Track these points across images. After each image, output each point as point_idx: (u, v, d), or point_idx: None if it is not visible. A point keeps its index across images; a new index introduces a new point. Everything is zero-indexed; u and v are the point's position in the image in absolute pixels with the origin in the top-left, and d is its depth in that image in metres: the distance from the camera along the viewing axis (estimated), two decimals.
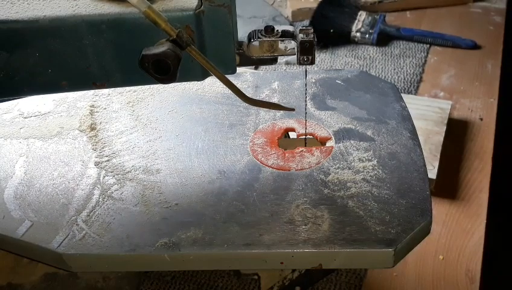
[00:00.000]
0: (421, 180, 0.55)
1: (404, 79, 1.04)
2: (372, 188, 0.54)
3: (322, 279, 0.69)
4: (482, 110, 0.96)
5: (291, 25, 1.18)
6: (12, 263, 0.67)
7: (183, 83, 0.69)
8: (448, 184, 0.82)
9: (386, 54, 1.10)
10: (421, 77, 1.04)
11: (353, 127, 0.62)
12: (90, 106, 0.68)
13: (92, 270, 0.53)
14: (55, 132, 0.64)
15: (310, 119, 0.63)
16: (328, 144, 0.61)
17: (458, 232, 0.76)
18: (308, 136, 0.62)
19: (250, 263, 0.52)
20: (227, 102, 0.67)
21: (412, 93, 1.00)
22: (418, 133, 0.61)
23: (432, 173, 0.78)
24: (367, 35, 1.11)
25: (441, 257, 0.73)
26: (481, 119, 0.94)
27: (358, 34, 1.12)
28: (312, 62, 0.53)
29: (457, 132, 0.91)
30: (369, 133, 0.61)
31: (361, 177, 0.55)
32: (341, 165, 0.57)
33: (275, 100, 0.66)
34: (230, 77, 0.49)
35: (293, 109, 0.59)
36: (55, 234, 0.52)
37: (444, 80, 1.04)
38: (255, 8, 1.23)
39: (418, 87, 1.02)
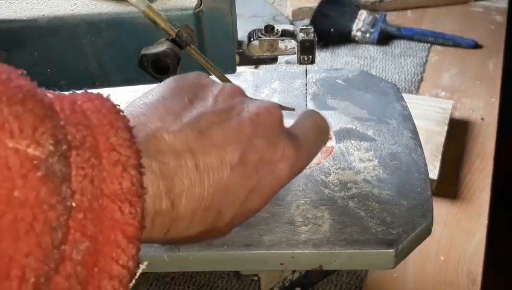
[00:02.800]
0: (422, 180, 0.55)
1: (405, 78, 1.03)
2: (373, 189, 0.54)
3: (323, 280, 0.68)
4: (483, 110, 0.96)
5: (291, 24, 1.17)
6: None
7: None
8: (450, 184, 0.82)
9: (386, 54, 1.10)
10: (422, 77, 1.04)
11: (354, 127, 0.62)
12: None
13: None
14: None
15: None
16: (329, 144, 0.60)
17: (459, 232, 0.76)
18: None
19: (250, 264, 0.52)
20: None
21: (412, 93, 0.99)
22: (419, 133, 0.61)
23: (433, 173, 0.78)
24: (367, 35, 1.11)
25: (442, 257, 0.72)
26: (482, 119, 0.94)
27: (358, 34, 1.11)
28: (312, 61, 0.53)
29: (458, 132, 0.91)
30: (369, 133, 0.61)
31: (362, 177, 0.55)
32: (341, 166, 0.57)
33: (275, 100, 0.66)
34: (230, 77, 0.49)
35: (293, 109, 0.59)
36: None
37: (445, 80, 1.03)
38: (255, 7, 1.22)
39: (419, 86, 1.02)
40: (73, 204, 0.25)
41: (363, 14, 1.13)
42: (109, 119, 0.28)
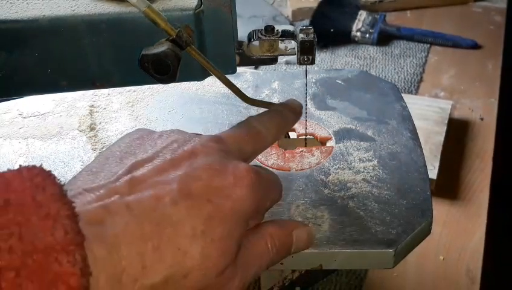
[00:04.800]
0: (422, 180, 0.55)
1: (405, 79, 1.03)
2: (373, 189, 0.54)
3: (322, 279, 0.69)
4: (482, 110, 0.96)
5: (291, 24, 1.18)
6: None
7: (183, 83, 0.69)
8: (449, 184, 0.82)
9: (386, 54, 1.10)
10: (421, 77, 1.04)
11: (353, 127, 0.62)
12: (90, 106, 0.67)
13: None
14: (54, 132, 0.64)
15: (310, 119, 0.63)
16: (328, 144, 0.60)
17: (459, 232, 0.76)
18: (308, 136, 0.62)
19: None
20: (227, 102, 0.66)
21: (412, 93, 1.00)
22: (419, 133, 0.61)
23: (433, 173, 0.78)
24: (367, 35, 1.11)
25: (441, 257, 0.73)
26: (482, 119, 0.94)
27: (358, 34, 1.12)
28: (312, 62, 0.53)
29: (457, 132, 0.91)
30: (369, 133, 0.61)
31: (362, 177, 0.55)
32: (341, 166, 0.57)
33: (275, 100, 0.66)
34: (230, 77, 0.49)
35: None
36: None
37: (445, 80, 1.03)
38: (255, 7, 1.22)
39: (418, 87, 1.02)
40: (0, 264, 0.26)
41: (362, 15, 1.13)
42: (36, 180, 0.29)
